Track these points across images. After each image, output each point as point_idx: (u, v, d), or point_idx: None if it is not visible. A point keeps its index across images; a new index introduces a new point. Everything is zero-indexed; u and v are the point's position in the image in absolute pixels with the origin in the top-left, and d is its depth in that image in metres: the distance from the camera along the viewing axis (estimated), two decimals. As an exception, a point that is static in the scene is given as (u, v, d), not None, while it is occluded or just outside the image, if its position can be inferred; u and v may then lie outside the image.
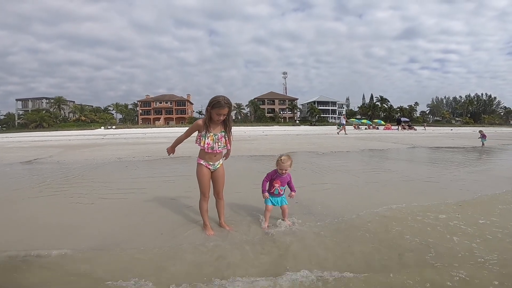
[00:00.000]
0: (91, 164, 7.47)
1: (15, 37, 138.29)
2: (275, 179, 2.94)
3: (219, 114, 2.56)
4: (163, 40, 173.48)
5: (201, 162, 2.75)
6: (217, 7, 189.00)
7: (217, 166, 2.80)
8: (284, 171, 2.87)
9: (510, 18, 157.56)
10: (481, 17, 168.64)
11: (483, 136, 12.29)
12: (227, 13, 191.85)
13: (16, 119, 75.26)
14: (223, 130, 2.71)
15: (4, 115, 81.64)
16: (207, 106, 2.60)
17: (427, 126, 48.77)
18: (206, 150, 2.66)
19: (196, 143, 2.74)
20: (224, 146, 2.74)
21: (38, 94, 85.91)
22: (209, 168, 2.75)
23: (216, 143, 2.67)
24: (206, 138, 2.63)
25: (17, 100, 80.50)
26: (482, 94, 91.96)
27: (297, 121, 79.89)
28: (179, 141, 2.93)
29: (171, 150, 2.94)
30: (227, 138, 2.75)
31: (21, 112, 76.42)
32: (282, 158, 2.86)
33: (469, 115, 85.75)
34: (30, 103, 78.78)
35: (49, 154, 10.28)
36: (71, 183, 5.20)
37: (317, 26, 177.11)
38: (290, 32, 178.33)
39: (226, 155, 2.95)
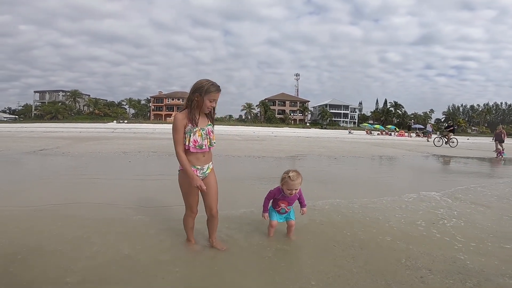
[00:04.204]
0: (95, 158, 7.33)
1: (41, 32, 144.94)
2: (280, 199, 2.36)
3: (213, 100, 2.10)
4: (179, 39, 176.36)
5: None
6: (234, 8, 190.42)
7: (207, 172, 2.20)
8: (293, 192, 2.29)
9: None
10: (502, 24, 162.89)
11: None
12: (242, 14, 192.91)
13: (32, 110, 77.41)
14: (209, 123, 2.19)
15: (22, 106, 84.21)
16: (195, 93, 2.06)
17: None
18: (191, 150, 2.08)
19: None
20: (214, 142, 2.20)
21: (56, 87, 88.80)
22: (196, 175, 2.13)
23: (205, 140, 2.12)
24: (192, 134, 2.06)
25: (35, 92, 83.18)
26: (501, 103, 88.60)
27: (308, 124, 79.02)
28: (185, 160, 2.07)
29: (197, 179, 2.09)
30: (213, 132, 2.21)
31: (38, 104, 78.66)
32: (291, 175, 2.25)
33: (486, 125, 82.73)
34: (47, 95, 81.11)
35: (56, 145, 10.26)
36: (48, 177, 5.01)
37: (332, 29, 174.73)
38: (304, 35, 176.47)
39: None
